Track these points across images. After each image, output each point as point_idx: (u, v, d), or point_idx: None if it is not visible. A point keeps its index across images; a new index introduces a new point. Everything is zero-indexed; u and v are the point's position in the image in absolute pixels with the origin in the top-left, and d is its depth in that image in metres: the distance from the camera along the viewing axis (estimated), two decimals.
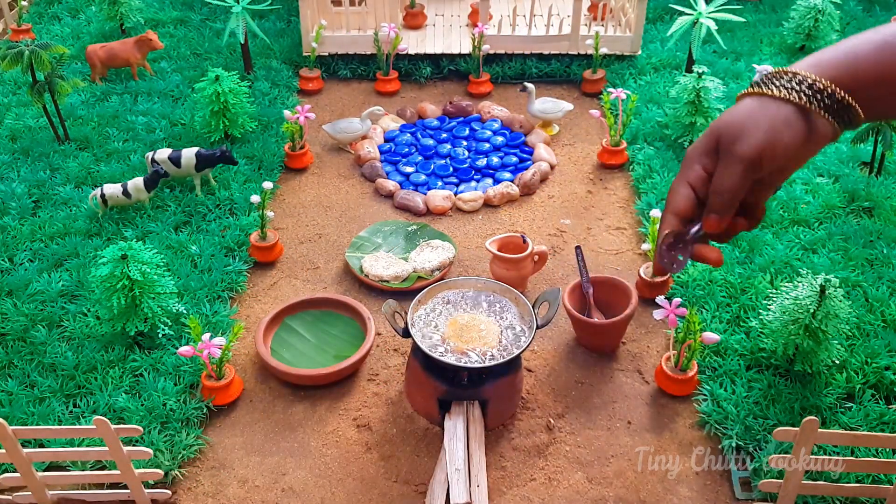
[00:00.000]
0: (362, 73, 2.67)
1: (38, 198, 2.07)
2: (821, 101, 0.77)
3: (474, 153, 2.31)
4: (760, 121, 0.78)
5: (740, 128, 0.78)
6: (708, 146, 0.81)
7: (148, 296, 1.63)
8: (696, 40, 2.39)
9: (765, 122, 0.78)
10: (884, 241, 1.90)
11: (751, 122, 0.78)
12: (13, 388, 1.56)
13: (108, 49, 2.49)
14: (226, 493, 1.44)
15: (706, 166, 0.81)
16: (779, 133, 0.78)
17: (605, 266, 1.92)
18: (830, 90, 0.78)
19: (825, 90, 0.77)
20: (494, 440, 1.51)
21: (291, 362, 1.65)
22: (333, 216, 2.10)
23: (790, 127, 0.78)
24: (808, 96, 0.77)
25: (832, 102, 0.78)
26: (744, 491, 1.42)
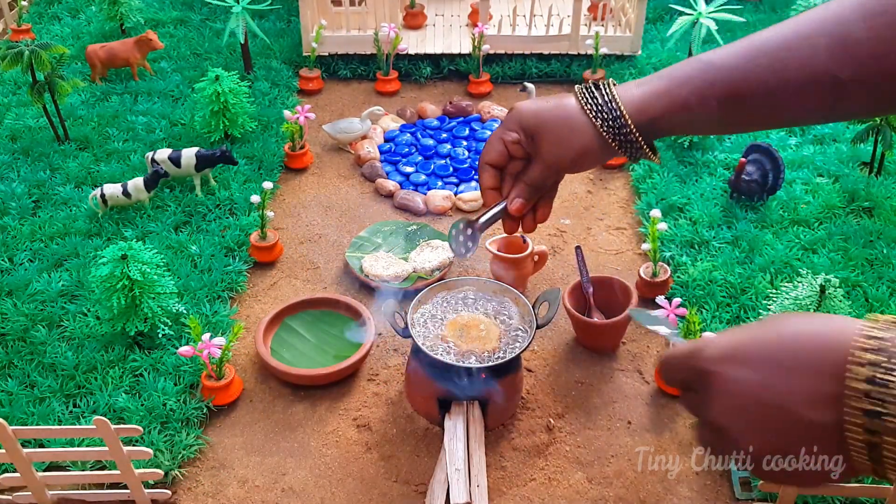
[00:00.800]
0: (362, 73, 2.67)
1: (38, 198, 2.07)
2: (617, 134, 0.87)
3: (474, 153, 2.31)
4: (576, 145, 0.89)
5: (559, 143, 0.90)
6: (527, 129, 0.92)
7: (148, 296, 1.63)
8: (696, 40, 2.39)
9: (581, 149, 0.89)
10: (884, 241, 1.90)
11: (567, 144, 0.90)
12: (13, 388, 1.56)
13: (108, 49, 2.49)
14: (226, 493, 1.44)
15: (521, 141, 0.93)
16: (586, 162, 0.91)
17: (605, 266, 1.92)
18: (630, 130, 0.86)
19: (627, 129, 0.86)
20: (494, 440, 1.51)
21: (291, 362, 1.65)
22: (333, 216, 2.10)
23: (596, 159, 0.91)
24: (608, 128, 0.87)
25: (628, 142, 0.87)
26: (744, 491, 1.42)
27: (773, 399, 0.53)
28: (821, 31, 0.76)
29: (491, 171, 0.97)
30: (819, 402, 0.51)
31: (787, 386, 0.52)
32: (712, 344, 0.59)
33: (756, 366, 0.54)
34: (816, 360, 0.52)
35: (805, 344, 0.53)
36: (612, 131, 0.87)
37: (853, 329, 0.51)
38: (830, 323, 0.53)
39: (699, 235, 1.93)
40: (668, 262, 1.86)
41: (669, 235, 1.93)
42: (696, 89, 0.83)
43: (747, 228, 1.94)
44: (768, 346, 0.54)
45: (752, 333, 0.57)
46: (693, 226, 1.96)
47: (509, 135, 0.94)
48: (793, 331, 0.54)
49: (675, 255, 1.88)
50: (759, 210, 2.01)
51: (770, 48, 0.79)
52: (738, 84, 0.80)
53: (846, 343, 0.50)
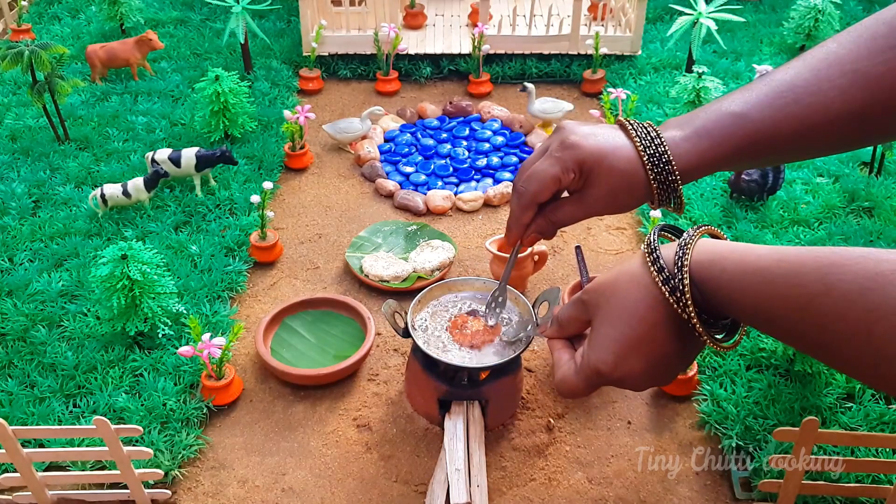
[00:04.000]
0: (362, 73, 2.67)
1: (38, 198, 2.07)
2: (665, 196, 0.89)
3: (474, 153, 2.31)
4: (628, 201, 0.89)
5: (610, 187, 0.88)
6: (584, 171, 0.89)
7: (148, 296, 1.63)
8: (696, 40, 2.39)
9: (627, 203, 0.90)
10: (884, 241, 1.90)
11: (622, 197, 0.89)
12: (13, 388, 1.56)
13: (108, 49, 2.49)
14: (226, 493, 1.44)
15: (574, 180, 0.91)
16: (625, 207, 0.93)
17: (605, 266, 1.92)
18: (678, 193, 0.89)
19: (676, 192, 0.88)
20: (494, 440, 1.51)
21: (291, 362, 1.65)
22: (333, 216, 2.10)
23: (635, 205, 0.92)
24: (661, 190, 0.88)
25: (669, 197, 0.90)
26: (744, 491, 1.42)
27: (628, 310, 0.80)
28: (840, 73, 0.79)
29: (535, 210, 0.92)
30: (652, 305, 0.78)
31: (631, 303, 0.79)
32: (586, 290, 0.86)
33: None
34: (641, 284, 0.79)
35: None
36: (662, 194, 0.87)
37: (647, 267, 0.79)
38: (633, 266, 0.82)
39: None
40: None
41: None
42: (734, 147, 0.84)
43: (747, 228, 1.94)
44: None
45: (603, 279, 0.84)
46: (693, 226, 1.96)
47: (568, 175, 0.88)
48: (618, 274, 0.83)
49: None
50: (759, 210, 2.01)
51: (797, 94, 0.81)
52: (771, 134, 0.83)
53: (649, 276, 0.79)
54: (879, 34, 0.79)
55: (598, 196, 0.88)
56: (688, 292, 0.75)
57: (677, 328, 0.77)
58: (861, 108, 0.79)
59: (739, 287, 0.72)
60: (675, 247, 0.78)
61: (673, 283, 0.75)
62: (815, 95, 0.80)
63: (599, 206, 0.89)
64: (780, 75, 0.84)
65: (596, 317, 0.82)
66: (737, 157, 0.85)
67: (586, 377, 0.82)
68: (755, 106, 0.83)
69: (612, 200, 0.88)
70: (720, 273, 0.74)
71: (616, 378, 0.80)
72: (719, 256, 0.75)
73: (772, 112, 0.83)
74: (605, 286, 0.83)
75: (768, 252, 0.72)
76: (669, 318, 0.77)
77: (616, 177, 0.87)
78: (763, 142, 0.83)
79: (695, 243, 0.77)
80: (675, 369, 0.83)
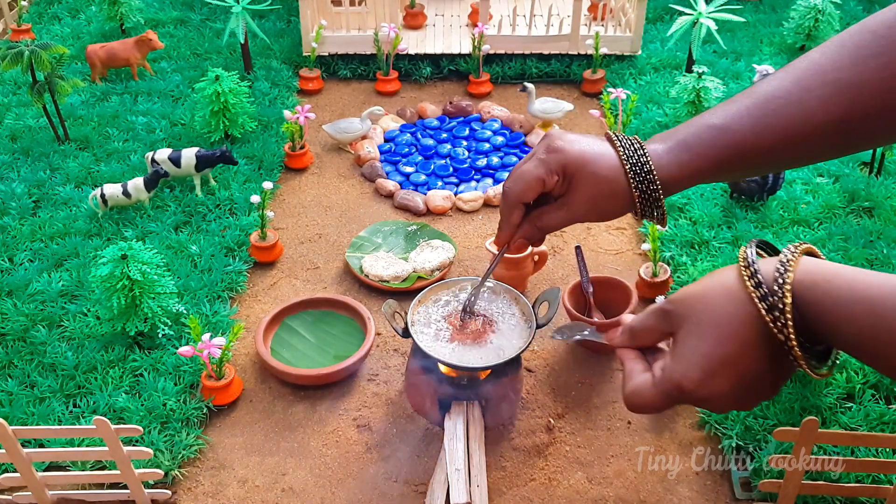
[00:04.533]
0: (362, 73, 2.67)
1: (38, 198, 2.07)
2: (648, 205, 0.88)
3: (474, 153, 2.31)
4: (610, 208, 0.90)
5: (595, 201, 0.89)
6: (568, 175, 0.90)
7: (148, 296, 1.63)
8: (696, 40, 2.39)
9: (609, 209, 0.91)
10: (884, 241, 1.90)
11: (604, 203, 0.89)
12: (13, 388, 1.56)
13: (108, 49, 2.49)
14: (226, 493, 1.44)
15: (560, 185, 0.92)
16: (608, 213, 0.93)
17: (605, 266, 1.92)
18: (660, 204, 0.87)
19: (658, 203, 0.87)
20: (494, 440, 1.51)
21: (291, 362, 1.65)
22: (333, 216, 2.10)
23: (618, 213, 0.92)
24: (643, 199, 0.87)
25: (651, 207, 0.89)
26: (744, 491, 1.42)
27: None
28: (822, 82, 0.80)
29: (521, 210, 0.94)
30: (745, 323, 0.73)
31: None
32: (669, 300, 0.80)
33: None
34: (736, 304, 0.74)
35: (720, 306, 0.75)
36: (644, 202, 0.87)
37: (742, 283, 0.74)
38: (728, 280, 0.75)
39: (699, 235, 1.93)
40: (668, 262, 1.86)
41: (669, 235, 1.93)
42: (715, 159, 0.85)
43: (747, 228, 1.94)
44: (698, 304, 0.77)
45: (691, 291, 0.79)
46: (693, 226, 1.96)
47: (552, 177, 0.90)
48: None
49: (675, 255, 1.88)
50: (759, 210, 2.01)
51: (778, 105, 0.82)
52: (752, 146, 0.83)
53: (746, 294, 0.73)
54: (863, 43, 0.79)
55: (580, 201, 0.89)
56: (789, 312, 0.70)
57: (771, 350, 0.72)
58: (842, 117, 0.79)
59: (846, 315, 0.67)
60: (776, 263, 0.73)
61: (772, 301, 0.70)
62: (796, 105, 0.81)
63: (582, 211, 0.90)
64: (764, 87, 0.85)
65: (681, 329, 0.76)
66: (718, 169, 0.86)
67: (665, 392, 0.77)
68: (735, 118, 0.84)
69: (594, 206, 0.89)
70: (824, 296, 0.69)
71: (699, 397, 0.75)
72: (823, 279, 0.70)
73: (752, 123, 0.83)
74: (694, 298, 0.76)
75: (880, 281, 0.67)
76: (764, 338, 0.72)
77: (598, 183, 0.88)
78: (744, 153, 0.84)
79: (798, 261, 0.72)
80: (763, 393, 0.78)
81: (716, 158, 0.85)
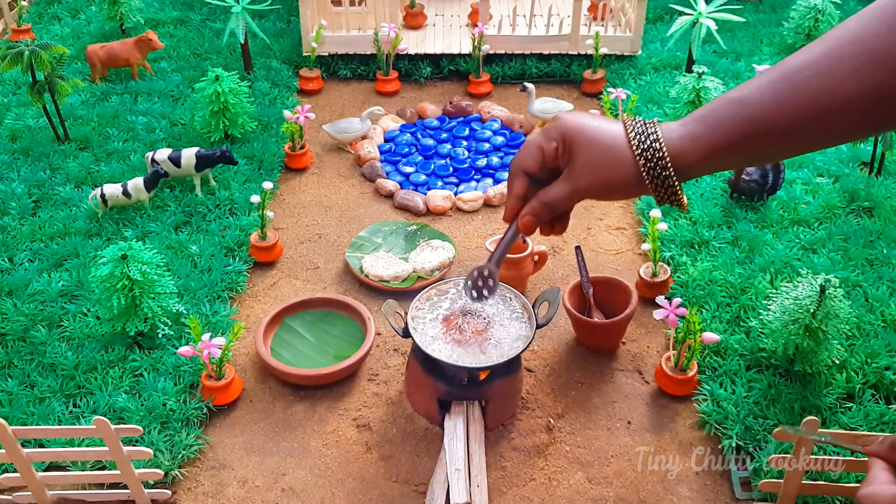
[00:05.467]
0: (362, 73, 2.67)
1: (38, 198, 2.07)
2: (660, 191, 0.84)
3: (474, 153, 2.31)
4: (612, 175, 0.86)
5: (594, 167, 0.87)
6: (567, 142, 0.88)
7: (148, 296, 1.63)
8: (696, 40, 2.39)
9: (613, 179, 0.86)
10: (884, 241, 1.90)
11: (604, 170, 0.86)
12: (13, 388, 1.56)
13: (108, 49, 2.49)
14: (226, 493, 1.44)
15: (559, 152, 0.89)
16: (614, 190, 0.87)
17: (605, 266, 1.92)
18: (669, 173, 0.84)
19: (667, 172, 0.83)
20: (494, 440, 1.51)
21: (291, 362, 1.65)
22: (333, 216, 2.10)
23: (625, 191, 0.87)
24: (655, 183, 0.84)
25: (666, 190, 0.85)
26: (744, 491, 1.42)
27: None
28: (853, 52, 0.75)
29: (523, 179, 0.93)
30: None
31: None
32: None
33: None
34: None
35: None
36: (651, 172, 0.83)
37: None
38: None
39: (699, 235, 1.93)
40: (668, 262, 1.86)
41: (669, 235, 1.93)
42: (731, 132, 0.81)
43: (747, 228, 1.94)
44: None
45: None
46: (693, 226, 1.96)
47: (549, 143, 0.89)
48: None
49: (675, 255, 1.88)
50: (759, 210, 2.01)
51: (802, 77, 0.77)
52: (773, 118, 0.79)
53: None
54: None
55: (580, 167, 0.86)
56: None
57: None
58: (877, 89, 0.73)
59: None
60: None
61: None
62: (825, 76, 0.75)
63: (583, 180, 0.86)
64: (790, 59, 0.79)
65: None
66: (738, 146, 0.80)
67: None
68: (756, 91, 0.79)
69: (595, 174, 0.86)
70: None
71: None
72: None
73: (774, 96, 0.78)
74: None
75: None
76: None
77: (599, 149, 0.86)
78: (766, 128, 0.79)
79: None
80: None
81: (733, 133, 0.80)
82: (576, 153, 0.87)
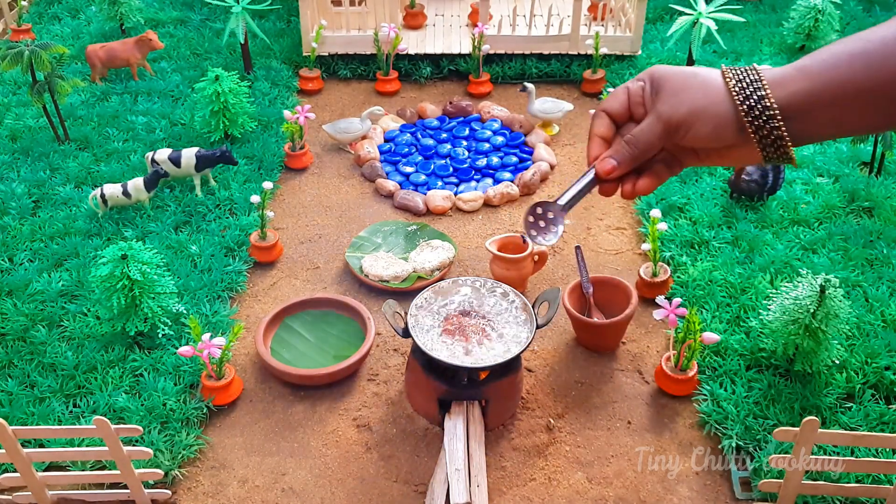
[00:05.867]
0: (362, 73, 2.67)
1: (38, 198, 2.07)
2: (759, 124, 0.76)
3: (474, 153, 2.31)
4: (698, 100, 0.78)
5: (679, 92, 0.79)
6: (654, 80, 0.81)
7: (148, 296, 1.63)
8: (696, 40, 2.39)
9: (700, 105, 0.78)
10: (884, 241, 1.90)
11: (691, 94, 0.78)
12: (13, 388, 1.56)
13: (108, 49, 2.49)
14: (226, 493, 1.44)
15: (645, 91, 0.82)
16: (705, 122, 0.78)
17: (605, 266, 1.92)
18: (773, 114, 0.76)
19: (772, 119, 0.75)
20: (494, 440, 1.51)
21: (291, 362, 1.65)
22: (333, 216, 2.10)
23: (719, 127, 0.78)
24: (751, 115, 0.76)
25: (769, 131, 0.76)
26: (744, 491, 1.42)
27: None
28: None
29: (605, 120, 0.85)
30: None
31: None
32: None
33: None
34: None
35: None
36: (749, 99, 0.76)
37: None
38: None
39: (699, 235, 1.93)
40: (668, 262, 1.86)
41: (669, 235, 1.93)
42: (844, 75, 0.75)
43: (747, 228, 1.94)
44: None
45: None
46: (693, 226, 1.96)
47: (636, 83, 0.83)
48: None
49: (675, 255, 1.88)
50: (759, 210, 2.01)
51: None
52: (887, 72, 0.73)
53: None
54: None
55: (666, 95, 0.80)
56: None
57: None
58: None
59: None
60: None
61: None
62: None
63: (666, 105, 0.79)
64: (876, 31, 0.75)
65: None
66: (850, 90, 0.74)
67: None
68: (877, 33, 0.74)
69: (679, 98, 0.79)
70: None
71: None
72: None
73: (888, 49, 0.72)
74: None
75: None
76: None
77: (687, 78, 0.80)
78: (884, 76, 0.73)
79: None
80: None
81: (854, 75, 0.74)
82: (663, 85, 0.81)
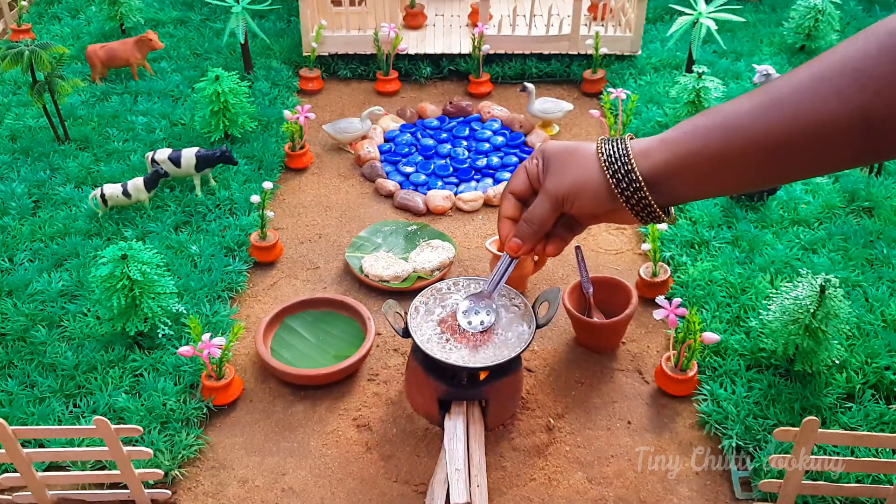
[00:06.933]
0: (362, 73, 2.67)
1: (38, 198, 2.07)
2: (628, 195, 0.84)
3: (474, 153, 2.31)
4: (578, 175, 0.88)
5: (563, 167, 0.89)
6: (545, 159, 0.92)
7: (148, 296, 1.63)
8: (696, 40, 2.39)
9: (581, 179, 0.88)
10: (884, 241, 1.90)
11: (571, 170, 0.89)
12: (13, 388, 1.56)
13: (108, 49, 2.49)
14: (226, 493, 1.44)
15: (537, 168, 0.93)
16: (585, 194, 0.88)
17: (605, 266, 1.92)
18: (639, 186, 0.83)
19: (639, 190, 0.83)
20: (494, 440, 1.51)
21: (291, 362, 1.65)
22: (333, 216, 2.10)
23: (596, 198, 0.87)
24: (620, 187, 0.84)
25: (637, 200, 0.84)
26: (744, 491, 1.42)
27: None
28: (839, 71, 0.71)
29: (512, 200, 0.96)
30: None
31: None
32: None
33: None
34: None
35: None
36: (617, 173, 0.83)
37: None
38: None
39: (699, 235, 1.93)
40: (668, 262, 1.86)
41: (669, 235, 1.93)
42: (704, 138, 0.78)
43: (747, 228, 1.94)
44: None
45: None
46: (693, 226, 1.96)
47: (531, 162, 0.93)
48: None
49: (675, 255, 1.88)
50: (759, 210, 2.01)
51: (783, 93, 0.74)
52: (749, 131, 0.76)
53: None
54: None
55: (551, 174, 0.90)
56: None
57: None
58: (861, 112, 0.70)
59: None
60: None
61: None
62: (806, 93, 0.72)
63: (553, 183, 0.89)
64: (777, 80, 0.77)
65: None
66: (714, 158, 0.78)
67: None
68: (735, 104, 0.78)
69: (563, 174, 0.89)
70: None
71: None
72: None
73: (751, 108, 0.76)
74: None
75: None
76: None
77: (567, 153, 0.90)
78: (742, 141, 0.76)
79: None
80: None
81: (708, 140, 0.78)
82: (550, 162, 0.91)
